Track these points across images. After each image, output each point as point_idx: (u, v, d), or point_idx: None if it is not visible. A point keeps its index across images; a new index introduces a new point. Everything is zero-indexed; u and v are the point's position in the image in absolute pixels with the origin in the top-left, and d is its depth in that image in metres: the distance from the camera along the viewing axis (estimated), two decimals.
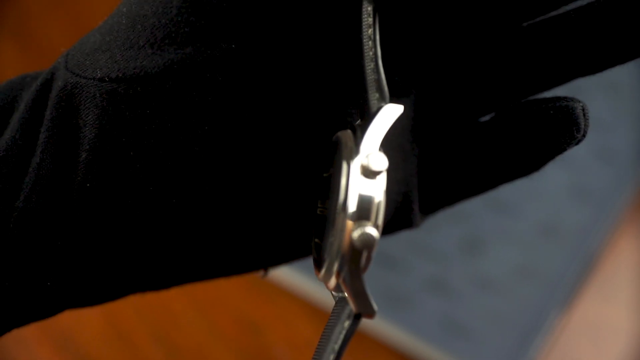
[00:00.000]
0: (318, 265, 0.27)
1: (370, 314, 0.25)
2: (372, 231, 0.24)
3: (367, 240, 0.24)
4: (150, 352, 0.53)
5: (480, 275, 0.54)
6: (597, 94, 0.61)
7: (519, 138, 0.29)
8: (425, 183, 0.31)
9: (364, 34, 0.26)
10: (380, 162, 0.24)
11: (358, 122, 0.26)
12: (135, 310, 0.54)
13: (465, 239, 0.55)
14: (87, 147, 0.26)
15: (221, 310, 0.55)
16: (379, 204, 0.24)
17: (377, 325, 0.53)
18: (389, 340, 0.53)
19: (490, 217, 0.56)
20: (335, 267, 0.25)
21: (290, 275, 0.54)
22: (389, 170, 0.25)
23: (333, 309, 0.26)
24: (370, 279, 0.56)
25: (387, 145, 0.28)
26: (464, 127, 0.30)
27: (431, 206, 0.32)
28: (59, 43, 0.64)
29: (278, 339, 0.54)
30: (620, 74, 0.61)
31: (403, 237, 0.55)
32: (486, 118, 0.31)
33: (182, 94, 0.26)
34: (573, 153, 0.58)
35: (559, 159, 0.62)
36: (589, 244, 0.55)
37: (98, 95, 0.26)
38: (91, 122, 0.26)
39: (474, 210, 0.56)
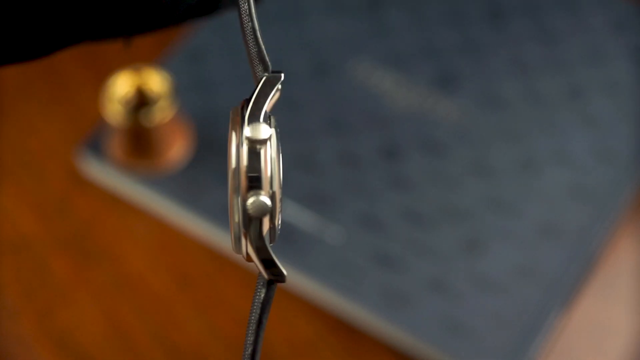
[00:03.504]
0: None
1: (280, 279, 0.26)
2: (265, 199, 0.25)
3: (260, 208, 0.25)
4: (150, 352, 0.53)
5: (480, 275, 0.54)
6: (597, 94, 0.61)
7: None
8: None
9: (241, 8, 0.27)
10: (263, 131, 0.25)
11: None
12: (135, 310, 0.55)
13: (465, 239, 0.55)
14: None
15: (221, 310, 0.55)
16: (270, 171, 0.25)
17: (377, 325, 0.53)
18: (389, 340, 0.53)
19: (490, 217, 0.56)
20: (240, 237, 0.26)
21: (290, 276, 0.54)
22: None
23: (257, 279, 0.27)
24: (371, 279, 0.56)
25: None
26: None
27: None
28: None
29: (278, 339, 0.54)
30: (620, 74, 0.61)
31: (403, 237, 0.55)
32: None
33: None
34: (573, 153, 0.58)
35: (559, 159, 0.62)
36: (589, 244, 0.55)
37: None
38: None
39: (474, 210, 0.56)
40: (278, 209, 0.26)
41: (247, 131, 0.25)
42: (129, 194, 0.58)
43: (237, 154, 0.25)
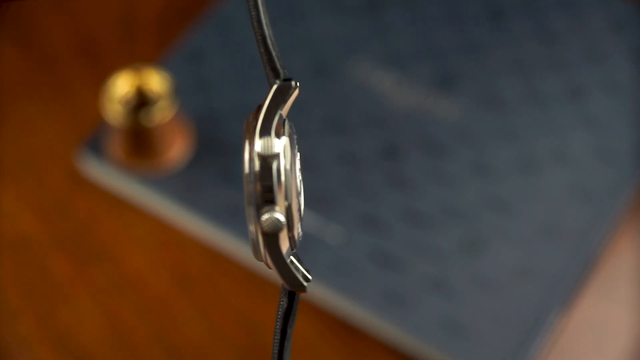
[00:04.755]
0: None
1: (300, 289, 0.26)
2: (278, 215, 0.25)
3: (273, 225, 0.25)
4: (150, 352, 0.53)
5: (480, 275, 0.54)
6: (597, 94, 0.61)
7: None
8: None
9: (251, 15, 0.27)
10: (274, 145, 0.25)
11: None
12: (135, 310, 0.55)
13: (465, 239, 0.55)
14: None
15: (221, 310, 0.55)
16: (285, 184, 0.25)
17: (377, 325, 0.53)
18: (389, 340, 0.53)
19: (490, 217, 0.56)
20: (259, 248, 0.26)
21: None
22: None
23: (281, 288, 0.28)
24: (371, 279, 0.56)
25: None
26: None
27: None
28: (59, 43, 0.64)
29: None
30: (620, 74, 0.61)
31: (403, 237, 0.55)
32: None
33: None
34: (573, 153, 0.58)
35: (559, 158, 0.63)
36: (589, 244, 0.55)
37: None
38: None
39: (474, 210, 0.56)
40: (296, 219, 0.26)
41: (258, 146, 0.25)
42: (129, 194, 0.58)
43: (250, 168, 0.25)
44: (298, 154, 0.27)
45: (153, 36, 0.64)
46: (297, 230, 0.26)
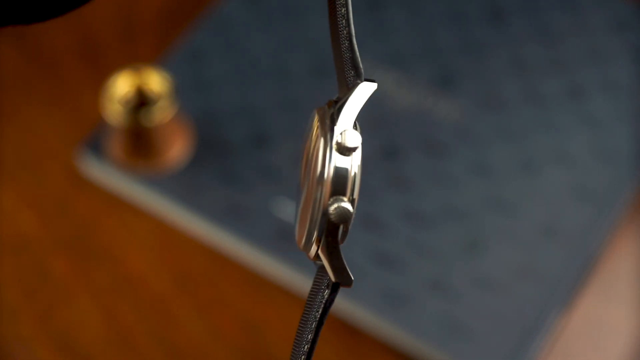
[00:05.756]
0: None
1: (348, 284, 0.27)
2: (348, 206, 0.25)
3: (343, 215, 0.25)
4: (150, 352, 0.53)
5: (480, 275, 0.54)
6: (597, 94, 0.61)
7: None
8: None
9: (338, 12, 0.27)
10: (355, 138, 0.25)
11: (336, 97, 0.28)
12: (135, 310, 0.55)
13: (465, 239, 0.55)
14: None
15: (221, 310, 0.55)
16: (354, 179, 0.25)
17: (377, 325, 0.53)
18: (389, 340, 0.53)
19: (490, 217, 0.56)
20: (314, 239, 0.26)
21: (290, 275, 0.54)
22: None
23: (315, 277, 0.28)
24: (371, 279, 0.56)
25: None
26: None
27: None
28: (60, 43, 0.64)
29: (278, 339, 0.54)
30: (620, 74, 0.61)
31: (403, 237, 0.55)
32: None
33: None
34: (573, 153, 0.58)
35: (559, 159, 0.62)
36: (589, 244, 0.55)
37: None
38: None
39: (474, 210, 0.56)
40: (354, 214, 0.26)
41: (339, 138, 0.25)
42: (129, 194, 0.58)
43: (324, 159, 0.25)
44: None
45: (153, 36, 0.64)
46: (350, 226, 0.26)
